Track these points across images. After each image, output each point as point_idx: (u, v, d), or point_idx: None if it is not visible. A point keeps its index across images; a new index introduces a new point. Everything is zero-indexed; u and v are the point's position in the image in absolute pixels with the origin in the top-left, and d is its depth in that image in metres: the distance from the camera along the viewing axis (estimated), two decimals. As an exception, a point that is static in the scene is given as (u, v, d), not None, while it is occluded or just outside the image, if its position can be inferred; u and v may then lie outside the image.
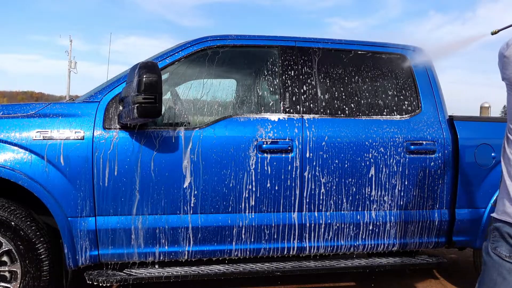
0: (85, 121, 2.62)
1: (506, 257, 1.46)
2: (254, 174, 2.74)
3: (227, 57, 3.02)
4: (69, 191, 2.56)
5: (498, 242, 1.49)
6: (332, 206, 2.87)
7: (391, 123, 2.99)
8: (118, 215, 2.63)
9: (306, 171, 2.81)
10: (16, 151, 2.52)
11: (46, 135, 2.55)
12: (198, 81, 3.01)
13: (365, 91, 3.09)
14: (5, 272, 2.55)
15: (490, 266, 1.50)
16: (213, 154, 2.70)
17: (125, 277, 2.65)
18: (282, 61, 2.96)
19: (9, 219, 2.50)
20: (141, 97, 2.33)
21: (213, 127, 2.75)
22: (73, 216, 2.57)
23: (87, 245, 2.61)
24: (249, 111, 2.92)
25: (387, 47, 3.22)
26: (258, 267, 2.85)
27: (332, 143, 2.85)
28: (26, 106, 2.72)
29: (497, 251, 1.48)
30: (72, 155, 2.56)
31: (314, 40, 3.09)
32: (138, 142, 2.63)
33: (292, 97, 2.91)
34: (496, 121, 3.28)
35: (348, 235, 2.92)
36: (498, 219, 1.50)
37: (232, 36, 3.01)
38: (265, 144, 2.76)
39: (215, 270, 2.77)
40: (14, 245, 2.51)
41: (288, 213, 2.82)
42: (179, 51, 2.89)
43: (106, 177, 2.59)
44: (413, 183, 2.97)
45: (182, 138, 2.69)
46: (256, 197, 2.76)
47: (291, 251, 2.87)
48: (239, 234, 2.77)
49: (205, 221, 2.72)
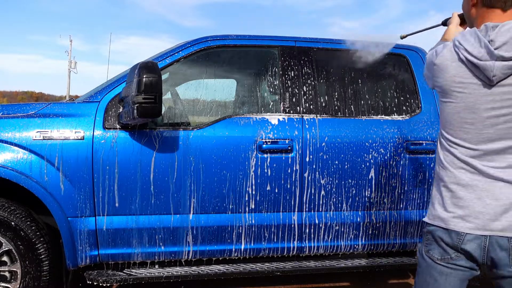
0: (85, 121, 2.62)
1: (438, 259, 1.51)
2: (254, 174, 2.74)
3: (227, 57, 3.02)
4: (69, 191, 2.56)
5: (431, 245, 1.53)
6: (332, 206, 2.87)
7: (391, 123, 2.99)
8: (118, 215, 2.63)
9: (306, 172, 2.81)
10: (16, 151, 2.52)
11: (46, 135, 2.55)
12: (198, 81, 3.02)
13: (365, 91, 3.08)
14: (5, 272, 2.55)
15: (424, 268, 1.56)
16: (213, 154, 2.70)
17: (125, 277, 2.65)
18: (282, 61, 2.96)
19: (9, 219, 2.50)
20: (141, 97, 2.33)
21: (213, 127, 2.75)
22: (73, 216, 2.57)
23: (87, 245, 2.61)
24: (249, 111, 2.92)
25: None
26: (258, 267, 2.85)
27: (332, 143, 2.85)
28: (26, 106, 2.72)
29: (430, 254, 1.53)
30: (72, 155, 2.56)
31: (314, 40, 3.09)
32: (138, 142, 2.63)
33: (292, 97, 2.91)
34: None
35: (348, 235, 2.92)
36: (430, 224, 1.54)
37: (232, 36, 3.01)
38: (265, 144, 2.76)
39: (215, 270, 2.77)
40: (14, 245, 2.51)
41: (288, 213, 2.82)
42: (179, 51, 2.89)
43: (106, 177, 2.59)
44: (413, 183, 2.97)
45: (182, 138, 2.69)
46: (256, 197, 2.76)
47: (291, 251, 2.87)
48: (240, 234, 2.77)
49: (206, 221, 2.72)
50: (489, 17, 1.47)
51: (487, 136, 1.44)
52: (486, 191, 1.44)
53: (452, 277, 1.49)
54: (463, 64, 1.45)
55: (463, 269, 1.48)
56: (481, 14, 1.49)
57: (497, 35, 1.40)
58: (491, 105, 1.42)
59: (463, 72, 1.45)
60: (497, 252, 1.42)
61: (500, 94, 1.41)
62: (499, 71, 1.38)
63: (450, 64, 1.47)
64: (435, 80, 1.54)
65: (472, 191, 1.46)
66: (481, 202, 1.44)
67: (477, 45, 1.42)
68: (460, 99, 1.46)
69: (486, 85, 1.42)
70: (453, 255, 1.48)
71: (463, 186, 1.47)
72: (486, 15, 1.48)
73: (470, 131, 1.46)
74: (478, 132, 1.44)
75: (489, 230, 1.42)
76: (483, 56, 1.40)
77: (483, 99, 1.42)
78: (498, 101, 1.41)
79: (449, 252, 1.48)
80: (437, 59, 1.51)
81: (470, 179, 1.46)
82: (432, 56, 1.54)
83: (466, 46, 1.44)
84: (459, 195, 1.48)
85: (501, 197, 1.42)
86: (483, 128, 1.44)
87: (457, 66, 1.46)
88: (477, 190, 1.45)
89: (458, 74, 1.45)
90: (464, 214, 1.46)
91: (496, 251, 1.42)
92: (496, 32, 1.40)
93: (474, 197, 1.45)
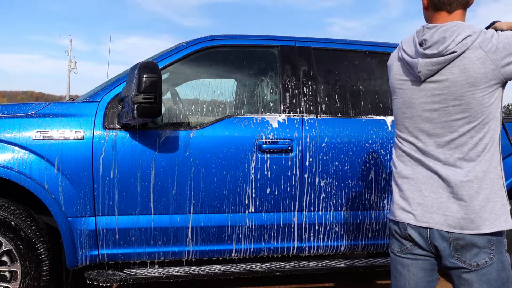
0: (85, 121, 2.62)
1: (398, 252, 1.59)
2: (254, 174, 2.74)
3: (227, 57, 3.02)
4: (69, 191, 2.56)
5: (392, 240, 1.62)
6: (332, 206, 2.87)
7: (392, 123, 2.98)
8: (118, 215, 2.63)
9: (306, 172, 2.81)
10: (16, 151, 2.52)
11: (46, 135, 2.55)
12: (198, 81, 3.01)
13: (365, 91, 3.08)
14: (5, 272, 2.55)
15: (391, 263, 1.64)
16: (213, 154, 2.70)
17: (125, 277, 2.65)
18: (282, 61, 2.96)
19: (9, 219, 2.50)
20: (141, 97, 2.33)
21: (213, 127, 2.75)
22: (73, 216, 2.57)
23: (87, 245, 2.61)
24: (249, 111, 2.92)
25: (387, 47, 3.22)
26: (258, 267, 2.85)
27: (332, 143, 2.85)
28: (26, 106, 2.72)
29: (392, 248, 1.62)
30: (72, 155, 2.56)
31: (314, 40, 3.09)
32: (138, 142, 2.63)
33: (292, 97, 2.91)
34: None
35: (348, 235, 2.92)
36: (389, 218, 1.65)
37: (232, 36, 3.01)
38: (265, 144, 2.76)
39: (215, 270, 2.77)
40: (14, 245, 2.51)
41: (288, 213, 2.82)
42: (179, 51, 2.88)
43: (106, 177, 2.59)
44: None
45: (182, 138, 2.69)
46: (257, 197, 2.76)
47: (291, 251, 2.87)
48: (240, 234, 2.77)
49: (206, 221, 2.72)
50: (436, 19, 1.55)
51: (425, 130, 1.51)
52: (425, 184, 1.50)
53: (414, 268, 1.55)
54: (401, 63, 1.58)
55: (422, 257, 1.54)
56: (431, 16, 1.57)
57: (433, 34, 1.47)
58: (424, 100, 1.50)
59: (402, 70, 1.57)
60: (440, 242, 1.47)
61: (431, 90, 1.49)
62: (423, 67, 1.47)
63: (394, 63, 1.62)
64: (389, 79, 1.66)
65: (414, 183, 1.53)
66: (420, 194, 1.51)
67: (411, 43, 1.54)
68: (400, 95, 1.58)
69: (418, 82, 1.51)
70: (408, 245, 1.54)
71: (407, 178, 1.55)
72: (434, 17, 1.55)
73: (410, 125, 1.55)
74: (417, 126, 1.53)
75: (426, 222, 1.48)
76: (413, 54, 1.51)
77: (417, 95, 1.52)
78: (429, 96, 1.49)
79: (404, 243, 1.56)
80: (388, 60, 1.66)
81: (413, 172, 1.54)
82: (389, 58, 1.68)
83: (404, 46, 1.57)
84: (403, 187, 1.56)
85: (439, 190, 1.48)
86: (420, 122, 1.52)
87: (398, 65, 1.60)
88: (418, 183, 1.52)
89: (398, 71, 1.59)
90: (406, 205, 1.54)
91: (438, 241, 1.47)
92: (433, 32, 1.48)
93: (415, 189, 1.52)
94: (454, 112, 1.45)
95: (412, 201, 1.53)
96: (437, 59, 1.45)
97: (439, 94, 1.47)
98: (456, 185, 1.45)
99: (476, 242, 1.43)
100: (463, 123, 1.45)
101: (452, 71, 1.44)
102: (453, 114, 1.46)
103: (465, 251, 1.44)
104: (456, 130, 1.46)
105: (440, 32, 1.47)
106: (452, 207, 1.45)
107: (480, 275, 1.44)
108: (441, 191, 1.47)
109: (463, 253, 1.45)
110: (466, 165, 1.46)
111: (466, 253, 1.44)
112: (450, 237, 1.45)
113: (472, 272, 1.45)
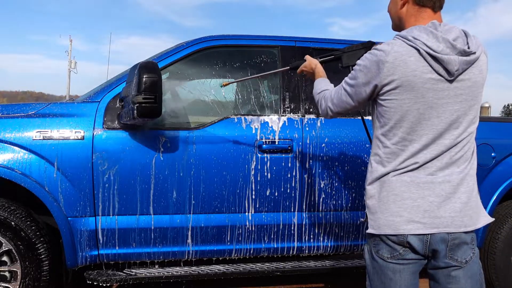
0: (85, 121, 2.62)
1: (388, 258, 1.54)
2: (254, 174, 2.74)
3: (227, 57, 3.02)
4: (69, 191, 2.56)
5: (379, 245, 1.56)
6: (332, 207, 2.87)
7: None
8: (118, 215, 2.63)
9: (306, 172, 2.81)
10: (16, 151, 2.52)
11: (46, 135, 2.55)
12: (198, 81, 3.01)
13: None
14: (5, 272, 2.55)
15: (377, 269, 1.59)
16: (213, 154, 2.70)
17: (125, 277, 2.65)
18: (282, 61, 2.96)
19: (9, 219, 2.50)
20: (141, 97, 2.33)
21: (213, 127, 2.75)
22: (73, 216, 2.57)
23: (87, 245, 2.60)
24: (249, 111, 2.92)
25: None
26: (258, 267, 2.85)
27: (332, 144, 2.85)
28: (26, 106, 2.71)
29: (380, 254, 1.56)
30: (72, 155, 2.56)
31: (314, 40, 3.09)
32: (138, 142, 2.63)
33: (292, 97, 2.91)
34: (496, 121, 3.28)
35: (348, 236, 2.92)
36: (386, 233, 1.57)
37: (232, 36, 3.01)
38: (265, 144, 2.76)
39: (215, 270, 2.77)
40: (14, 245, 2.51)
41: (288, 213, 2.81)
42: (179, 51, 2.88)
43: (106, 177, 2.59)
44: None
45: (182, 138, 2.68)
46: (257, 197, 2.76)
47: (291, 251, 2.87)
48: (240, 234, 2.77)
49: (206, 221, 2.72)
50: (421, 16, 1.52)
51: (435, 132, 1.47)
52: (428, 190, 1.48)
53: (405, 272, 1.54)
54: (422, 59, 1.45)
55: (413, 261, 1.53)
56: (413, 12, 1.53)
57: (446, 32, 1.45)
58: (446, 100, 1.46)
59: (421, 67, 1.45)
60: (439, 244, 1.48)
61: (454, 89, 1.46)
62: (460, 65, 1.43)
63: (408, 59, 1.45)
64: (384, 78, 1.48)
65: (415, 191, 1.49)
66: (424, 200, 1.47)
67: (434, 39, 1.44)
68: (421, 94, 1.45)
69: (443, 81, 1.45)
70: (401, 251, 1.52)
71: (406, 187, 1.51)
72: (417, 13, 1.52)
73: (419, 127, 1.47)
74: (434, 128, 1.47)
75: (436, 228, 1.46)
76: (446, 50, 1.43)
77: (439, 95, 1.46)
78: (452, 96, 1.46)
79: (397, 249, 1.52)
80: (388, 56, 1.46)
81: (412, 179, 1.51)
82: (379, 55, 1.49)
83: (424, 41, 1.44)
84: (404, 196, 1.50)
85: (441, 193, 1.48)
86: (438, 124, 1.47)
87: (415, 61, 1.45)
88: (419, 190, 1.48)
89: (417, 68, 1.45)
90: (411, 216, 1.48)
91: (438, 244, 1.48)
92: (446, 30, 1.46)
93: (417, 197, 1.48)
94: (470, 113, 1.49)
95: (417, 209, 1.47)
96: (470, 57, 1.45)
97: (461, 94, 1.47)
98: (457, 184, 1.47)
99: (466, 239, 1.49)
100: (470, 123, 1.50)
101: (473, 71, 1.47)
102: (468, 115, 1.49)
103: (457, 250, 1.49)
104: (465, 130, 1.49)
105: (448, 30, 1.47)
106: (455, 207, 1.47)
107: (466, 271, 1.50)
108: (444, 194, 1.47)
109: (455, 252, 1.49)
110: (463, 164, 1.49)
111: (458, 251, 1.49)
112: (449, 238, 1.47)
113: (460, 269, 1.49)
